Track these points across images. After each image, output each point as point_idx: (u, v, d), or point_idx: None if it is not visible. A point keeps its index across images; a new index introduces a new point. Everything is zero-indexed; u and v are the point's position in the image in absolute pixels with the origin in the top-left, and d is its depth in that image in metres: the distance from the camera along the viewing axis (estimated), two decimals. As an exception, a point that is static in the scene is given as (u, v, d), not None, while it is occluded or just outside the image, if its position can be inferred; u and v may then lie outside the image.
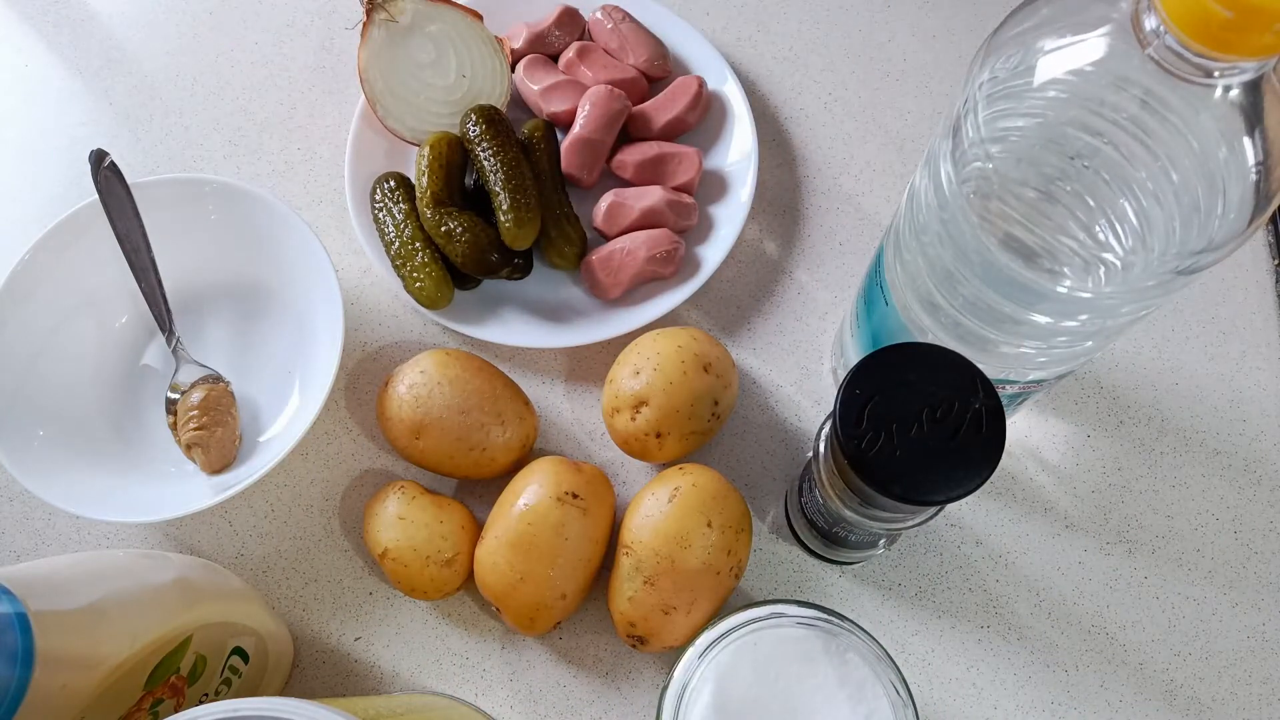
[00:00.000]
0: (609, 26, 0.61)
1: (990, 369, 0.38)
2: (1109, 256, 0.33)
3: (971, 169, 0.34)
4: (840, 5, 0.66)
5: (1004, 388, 0.42)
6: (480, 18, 0.59)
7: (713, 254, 0.57)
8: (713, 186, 0.59)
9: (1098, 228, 0.33)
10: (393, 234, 0.56)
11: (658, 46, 0.61)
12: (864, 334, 0.48)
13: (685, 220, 0.57)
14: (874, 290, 0.45)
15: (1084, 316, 0.36)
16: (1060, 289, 0.34)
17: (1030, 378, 0.42)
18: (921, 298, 0.41)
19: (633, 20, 0.62)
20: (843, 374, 0.45)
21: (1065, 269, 0.33)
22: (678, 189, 0.58)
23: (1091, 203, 0.32)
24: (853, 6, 0.66)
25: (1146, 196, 0.32)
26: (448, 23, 0.58)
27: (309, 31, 0.67)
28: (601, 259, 0.56)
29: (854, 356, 0.50)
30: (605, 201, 0.57)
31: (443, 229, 0.55)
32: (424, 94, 0.59)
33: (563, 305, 0.57)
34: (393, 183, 0.57)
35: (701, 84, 0.60)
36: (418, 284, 0.55)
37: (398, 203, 0.57)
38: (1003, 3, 0.34)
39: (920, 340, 0.41)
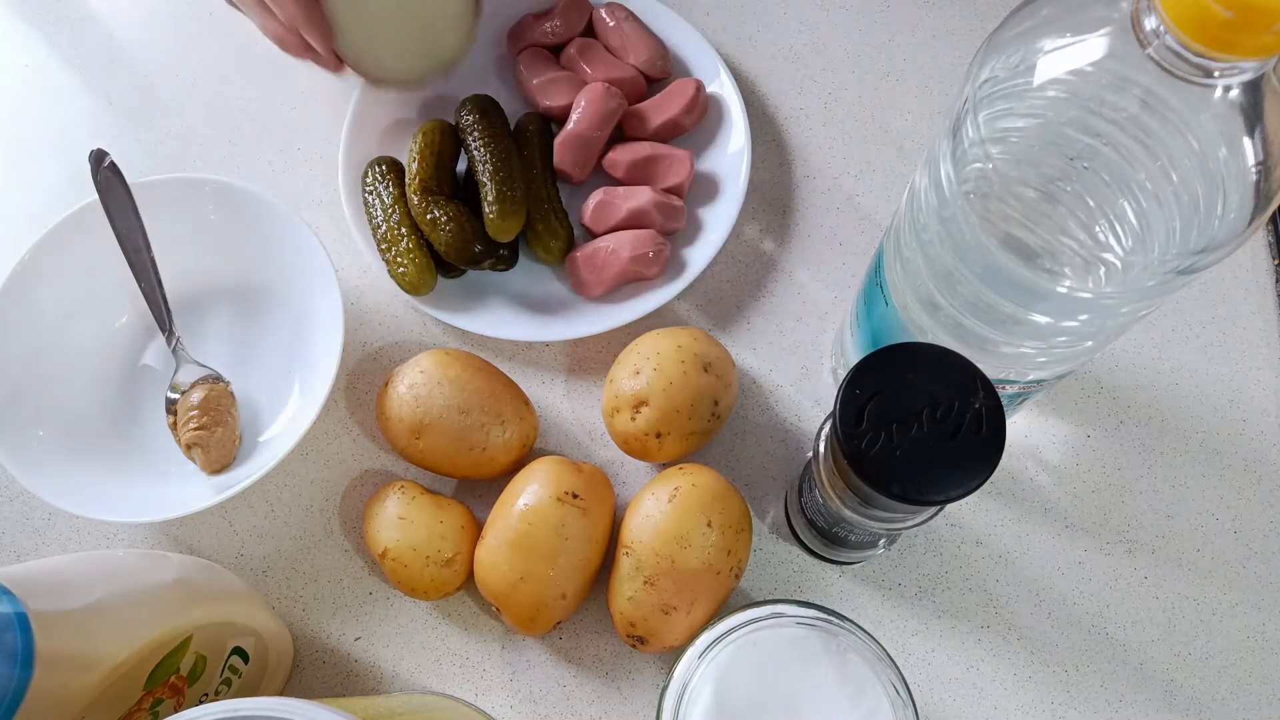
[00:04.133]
0: (611, 25, 0.61)
1: (990, 369, 0.38)
2: (1109, 256, 0.33)
3: (971, 169, 0.34)
4: (840, 5, 0.66)
5: (1004, 388, 0.42)
6: None
7: (700, 255, 0.57)
8: (705, 188, 0.59)
9: (1098, 228, 0.33)
10: (380, 218, 0.56)
11: (658, 47, 0.61)
12: (864, 334, 0.48)
13: (672, 223, 0.57)
14: (874, 290, 0.45)
15: (1084, 316, 0.36)
16: (1060, 289, 0.34)
17: (1030, 378, 0.42)
18: (921, 298, 0.41)
19: (636, 20, 0.62)
20: (843, 374, 0.45)
21: (1065, 269, 0.33)
22: (668, 191, 0.58)
23: (1091, 203, 0.32)
24: (853, 6, 0.66)
25: (1146, 197, 0.32)
26: None
27: (309, 31, 0.67)
28: (586, 256, 0.56)
29: (854, 356, 0.50)
30: (594, 199, 0.57)
31: (428, 216, 0.55)
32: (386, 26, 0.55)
33: (549, 299, 0.57)
34: (384, 167, 0.58)
35: (699, 87, 0.60)
36: (400, 269, 0.55)
37: (388, 187, 0.57)
38: (1003, 3, 0.34)
39: (920, 340, 0.41)
